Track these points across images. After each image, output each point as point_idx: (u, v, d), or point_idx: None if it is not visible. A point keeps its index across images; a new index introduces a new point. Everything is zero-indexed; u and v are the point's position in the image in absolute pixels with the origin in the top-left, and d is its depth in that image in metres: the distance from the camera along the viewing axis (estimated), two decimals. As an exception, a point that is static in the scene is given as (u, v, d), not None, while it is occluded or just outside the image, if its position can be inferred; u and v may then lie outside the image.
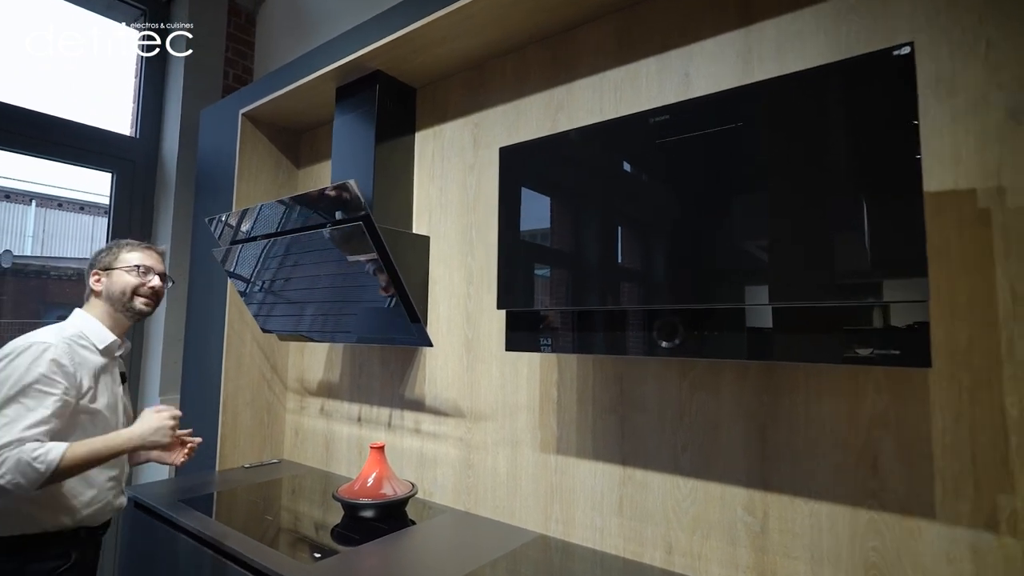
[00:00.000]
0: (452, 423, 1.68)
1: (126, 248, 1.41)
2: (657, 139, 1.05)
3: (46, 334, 1.24)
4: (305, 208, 1.52)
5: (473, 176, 1.70)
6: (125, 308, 1.38)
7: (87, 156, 2.45)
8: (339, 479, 1.96)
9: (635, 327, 1.09)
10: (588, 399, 1.39)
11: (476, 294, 1.65)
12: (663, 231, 1.04)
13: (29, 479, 1.08)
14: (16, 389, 1.14)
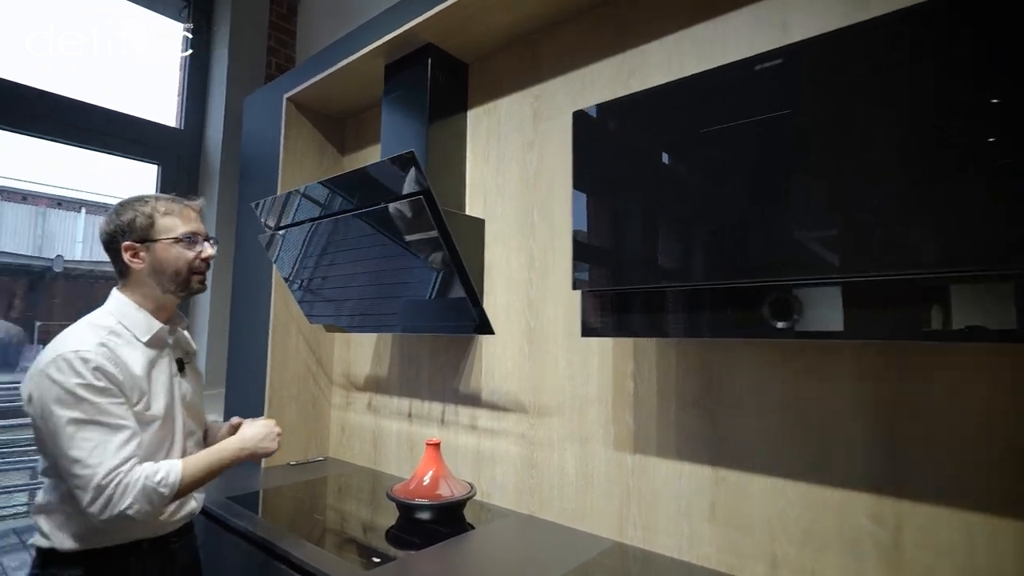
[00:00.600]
0: (512, 418, 1.56)
1: (160, 210, 1.13)
2: (768, 84, 0.91)
3: (78, 337, 1.03)
4: (358, 185, 1.43)
5: (533, 153, 1.58)
6: (178, 289, 1.16)
7: (134, 148, 2.43)
8: (388, 478, 1.86)
9: (740, 306, 0.95)
10: (670, 391, 1.25)
11: (538, 279, 1.52)
12: (785, 189, 0.89)
13: (155, 505, 1.01)
14: (78, 411, 0.97)
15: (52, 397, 0.97)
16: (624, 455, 1.31)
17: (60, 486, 1.02)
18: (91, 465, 0.95)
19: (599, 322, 1.14)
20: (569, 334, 1.44)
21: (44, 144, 2.32)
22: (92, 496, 0.95)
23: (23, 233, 6.97)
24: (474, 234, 1.66)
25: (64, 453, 0.96)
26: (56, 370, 0.98)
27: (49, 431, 0.97)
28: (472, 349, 1.69)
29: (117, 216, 1.12)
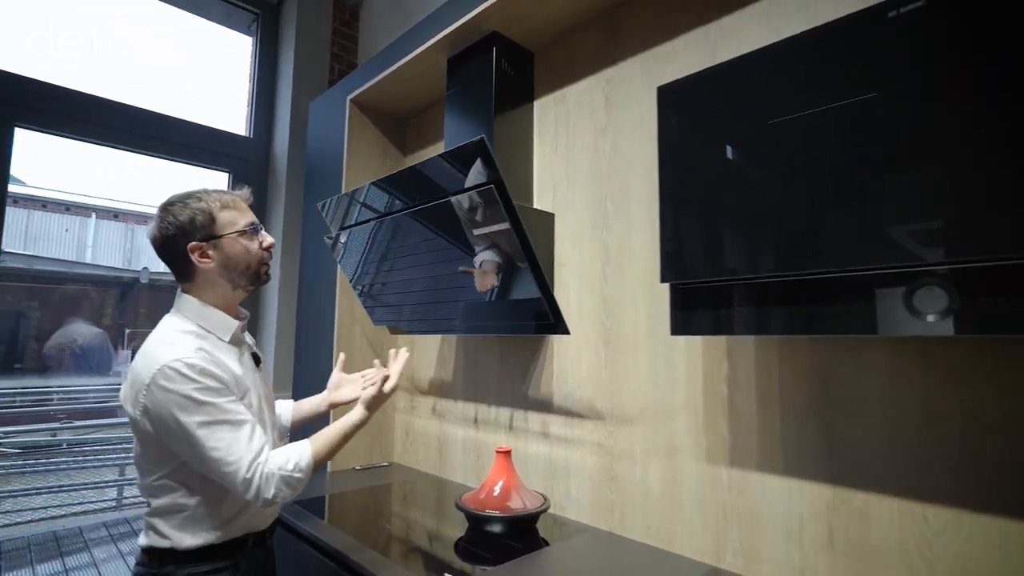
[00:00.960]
0: (588, 426, 1.44)
1: (216, 205, 1.09)
2: (906, 33, 0.76)
3: (174, 345, 1.02)
4: (423, 179, 1.37)
5: (606, 140, 1.47)
6: (249, 282, 1.13)
7: (206, 156, 2.51)
8: (454, 486, 1.78)
9: (871, 296, 0.80)
10: (773, 399, 1.10)
11: (615, 276, 1.41)
12: (936, 156, 0.74)
13: (295, 488, 1.06)
14: (203, 414, 0.98)
15: (174, 405, 0.98)
16: (719, 469, 1.17)
17: (178, 490, 1.05)
18: (232, 462, 0.99)
19: (692, 319, 1.02)
20: (651, 334, 1.31)
21: (131, 164, 2.44)
22: (242, 489, 1.00)
23: (115, 248, 7.51)
24: (543, 229, 1.56)
25: (204, 455, 0.99)
26: (166, 380, 0.98)
27: (180, 438, 0.99)
28: (542, 352, 1.59)
29: (173, 217, 1.07)
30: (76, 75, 2.22)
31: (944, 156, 0.73)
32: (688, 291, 1.02)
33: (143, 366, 1.01)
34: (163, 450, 1.03)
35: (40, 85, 2.11)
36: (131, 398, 1.03)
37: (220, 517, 1.07)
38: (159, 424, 0.99)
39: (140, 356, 1.04)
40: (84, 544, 4.01)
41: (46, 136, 2.19)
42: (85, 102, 2.21)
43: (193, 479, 1.04)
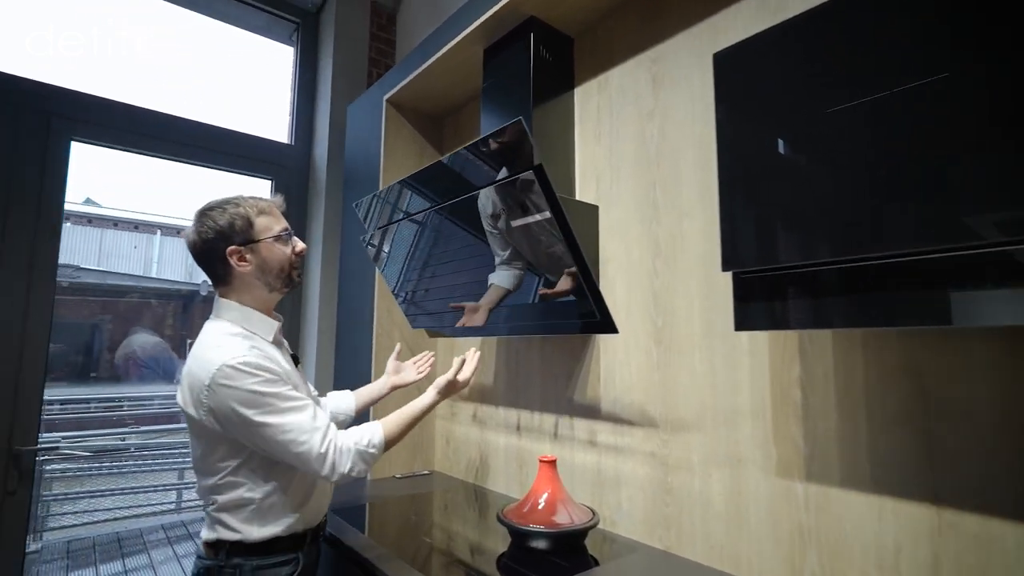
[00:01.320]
0: (639, 434, 1.33)
1: (253, 211, 1.12)
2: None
3: (226, 346, 1.04)
4: (460, 169, 1.30)
5: (654, 124, 1.36)
6: (283, 285, 1.17)
7: (249, 164, 2.54)
8: (496, 497, 1.69)
9: (980, 277, 0.66)
10: (858, 402, 0.95)
11: (665, 269, 1.29)
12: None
13: (369, 463, 1.12)
14: (267, 406, 1.02)
15: (238, 402, 1.01)
16: (793, 484, 1.03)
17: (244, 485, 1.07)
18: (304, 441, 1.03)
19: (759, 312, 0.89)
20: (707, 332, 1.19)
21: (182, 177, 2.50)
22: (318, 465, 1.04)
23: (177, 263, 7.94)
24: (587, 223, 1.46)
25: (276, 441, 1.02)
26: (226, 379, 1.01)
27: (250, 431, 1.02)
28: (587, 354, 1.48)
29: (213, 221, 1.10)
30: (126, 89, 2.29)
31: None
32: (754, 280, 0.90)
33: (200, 369, 1.04)
34: (228, 448, 1.06)
35: (93, 99, 2.18)
36: (192, 401, 1.05)
37: (284, 510, 1.11)
38: (226, 422, 1.03)
39: (193, 360, 1.07)
40: (144, 546, 4.15)
41: (115, 157, 2.28)
42: (135, 115, 2.27)
43: (257, 474, 1.08)
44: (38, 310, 1.99)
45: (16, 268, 1.96)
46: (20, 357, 1.95)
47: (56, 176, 2.07)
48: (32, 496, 2.03)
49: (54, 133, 2.08)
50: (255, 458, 1.07)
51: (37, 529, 4.13)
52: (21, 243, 1.98)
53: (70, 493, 4.57)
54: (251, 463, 1.07)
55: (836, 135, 0.78)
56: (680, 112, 1.29)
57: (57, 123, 2.10)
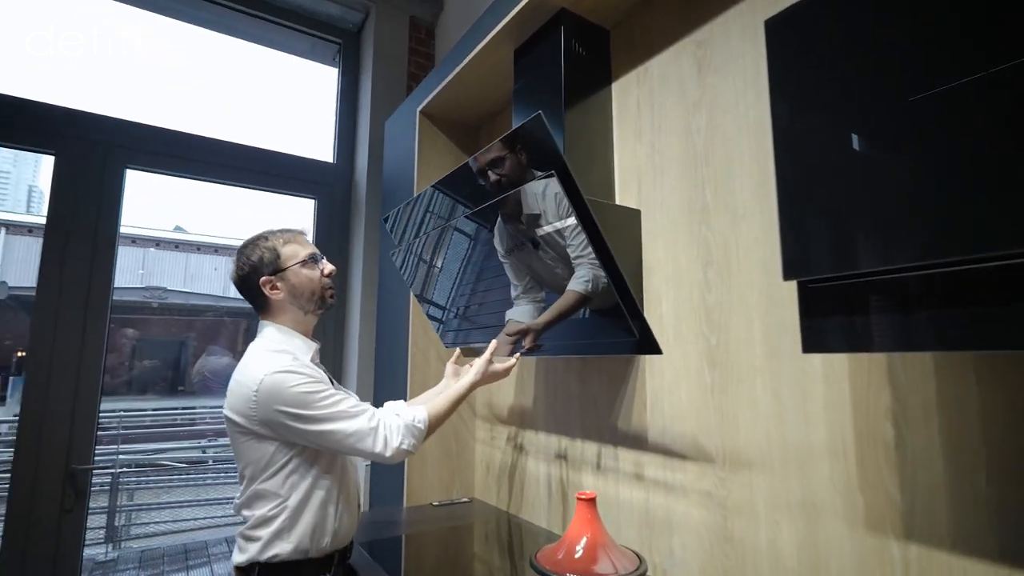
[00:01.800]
0: (692, 470, 1.15)
1: (280, 242, 1.22)
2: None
3: (269, 361, 1.10)
4: (481, 174, 1.19)
5: (700, 115, 1.20)
6: (317, 307, 1.25)
7: (294, 184, 2.57)
8: (535, 532, 1.55)
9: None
10: (972, 443, 0.75)
11: (718, 279, 1.12)
12: None
13: (418, 439, 1.16)
14: (315, 402, 1.07)
15: (285, 403, 1.05)
16: (886, 542, 0.83)
17: (271, 500, 1.09)
18: (352, 422, 1.09)
19: (834, 330, 0.72)
20: (771, 353, 1.01)
21: (244, 201, 2.57)
22: (371, 441, 1.09)
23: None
24: (627, 229, 1.31)
25: (326, 430, 1.07)
26: (273, 385, 1.06)
27: (301, 429, 1.06)
28: (631, 376, 1.32)
29: (247, 258, 1.21)
30: (178, 117, 2.37)
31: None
32: (826, 291, 0.73)
33: (247, 378, 1.09)
34: (262, 460, 1.09)
35: (146, 128, 2.27)
36: (240, 410, 1.09)
37: (311, 528, 1.11)
38: (275, 424, 1.07)
39: (239, 373, 1.13)
40: (207, 558, 4.28)
41: (199, 188, 2.38)
42: (187, 142, 2.34)
43: (287, 489, 1.10)
44: (94, 333, 2.06)
45: (75, 293, 2.04)
46: (77, 379, 2.01)
47: (112, 203, 2.16)
48: (108, 508, 2.08)
49: (111, 162, 2.17)
50: (291, 464, 1.10)
51: (115, 538, 4.37)
52: (80, 268, 2.06)
53: (142, 504, 4.80)
54: (287, 468, 1.10)
55: (934, 108, 0.61)
56: (730, 99, 1.13)
57: (115, 153, 2.19)
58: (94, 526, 4.69)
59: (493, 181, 1.17)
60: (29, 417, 1.93)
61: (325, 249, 2.58)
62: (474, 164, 1.19)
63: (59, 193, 2.07)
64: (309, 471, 1.12)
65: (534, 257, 1.20)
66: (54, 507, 1.94)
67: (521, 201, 1.11)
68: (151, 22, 2.47)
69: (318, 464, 1.13)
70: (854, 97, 0.68)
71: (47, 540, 1.92)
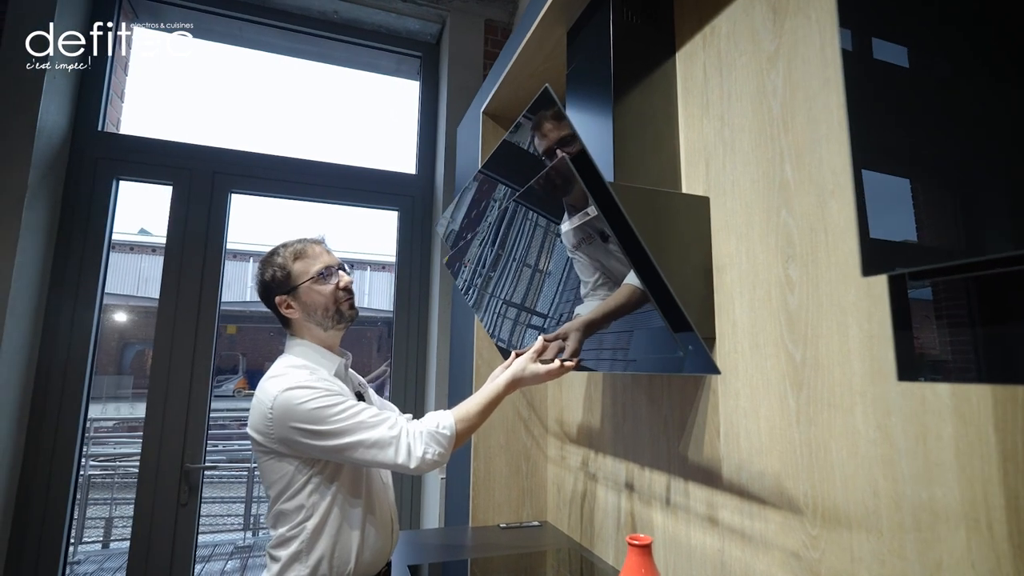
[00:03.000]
0: (776, 520, 0.91)
1: (290, 258, 1.18)
2: None
3: (285, 377, 1.07)
4: (508, 164, 1.06)
5: (777, 72, 0.96)
6: (335, 321, 1.20)
7: (377, 198, 2.63)
8: (604, 570, 1.36)
9: None
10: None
11: (805, 278, 0.87)
12: None
13: (445, 447, 1.06)
14: (330, 417, 1.03)
15: (301, 421, 1.01)
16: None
17: (296, 516, 1.05)
18: (373, 432, 1.02)
19: (957, 352, 0.48)
20: (874, 372, 0.74)
21: (335, 215, 2.71)
22: (393, 451, 1.02)
23: (383, 292, 9.08)
24: (694, 221, 1.10)
25: (346, 444, 1.01)
26: (288, 401, 1.02)
27: (320, 444, 1.01)
28: (700, 397, 1.10)
29: (261, 276, 1.19)
30: (274, 141, 2.54)
31: None
32: (940, 290, 0.49)
33: (265, 395, 1.06)
34: (283, 477, 1.06)
35: (246, 155, 2.46)
36: (259, 427, 1.06)
37: (331, 552, 1.05)
38: (293, 444, 1.03)
39: (259, 392, 1.10)
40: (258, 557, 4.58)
41: (261, 200, 2.56)
42: (281, 164, 2.50)
43: (311, 501, 1.05)
44: (204, 339, 2.26)
45: (189, 303, 2.25)
46: (190, 383, 2.22)
47: (218, 222, 2.36)
48: (246, 499, 2.27)
49: (218, 188, 2.39)
50: (311, 483, 1.06)
51: (251, 527, 4.87)
52: (192, 281, 2.28)
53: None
54: (307, 488, 1.06)
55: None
56: (813, 44, 0.88)
57: (221, 179, 2.41)
58: (222, 513, 5.25)
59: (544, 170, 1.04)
60: (152, 419, 2.16)
61: (408, 260, 2.63)
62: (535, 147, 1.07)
63: (176, 216, 2.31)
64: (329, 490, 1.07)
65: (602, 251, 1.04)
66: (171, 502, 2.15)
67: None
68: (248, 57, 2.70)
69: (339, 482, 1.08)
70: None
71: (166, 531, 2.13)
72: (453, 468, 1.93)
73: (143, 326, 8.60)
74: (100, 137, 2.25)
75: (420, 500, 2.48)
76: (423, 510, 2.42)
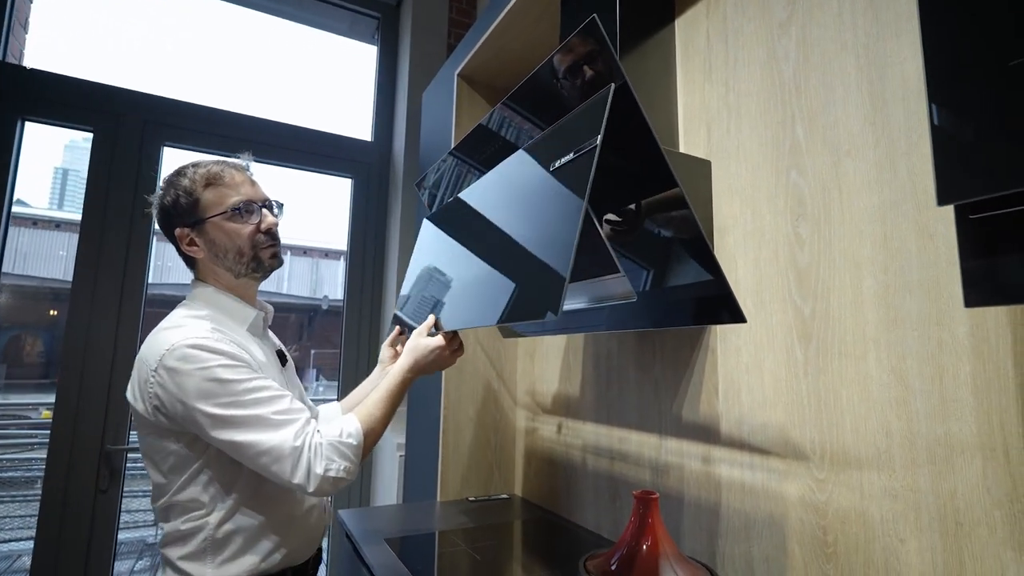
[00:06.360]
0: (778, 468, 0.94)
1: (200, 183, 0.94)
2: None
3: (185, 328, 0.87)
4: (524, 110, 1.02)
5: (790, 37, 0.98)
6: (250, 270, 0.99)
7: (330, 163, 2.48)
8: (583, 536, 1.36)
9: None
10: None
11: (816, 235, 0.91)
12: None
13: (351, 459, 0.89)
14: (231, 395, 0.84)
15: (193, 389, 0.82)
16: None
17: (195, 508, 0.88)
18: (274, 435, 0.83)
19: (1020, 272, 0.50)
20: (891, 321, 0.78)
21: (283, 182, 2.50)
22: (291, 466, 0.83)
23: (304, 279, 8.67)
24: (695, 183, 1.11)
25: (240, 439, 0.82)
26: (181, 360, 0.83)
27: (208, 424, 0.83)
28: (698, 356, 1.12)
29: (161, 200, 0.97)
30: (215, 95, 2.32)
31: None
32: (1008, 220, 0.51)
33: (148, 352, 0.86)
34: (176, 454, 0.86)
35: (184, 105, 2.22)
36: (139, 393, 0.87)
37: (252, 541, 0.90)
38: (178, 415, 0.84)
39: (145, 345, 0.88)
40: None
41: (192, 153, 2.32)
42: (222, 118, 2.29)
43: (211, 491, 0.87)
44: (128, 319, 2.02)
45: (112, 280, 2.00)
46: (112, 364, 1.98)
47: (149, 182, 2.12)
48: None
49: (148, 139, 2.14)
50: (211, 467, 0.88)
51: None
52: (117, 253, 2.02)
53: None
54: (205, 474, 0.87)
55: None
56: (831, 10, 0.91)
57: (152, 130, 2.15)
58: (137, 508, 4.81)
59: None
60: (65, 401, 1.91)
61: (362, 230, 2.50)
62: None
63: (98, 172, 2.04)
64: (238, 476, 0.88)
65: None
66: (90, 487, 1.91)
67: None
68: (189, 0, 2.43)
69: (247, 468, 0.88)
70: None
71: (83, 522, 1.89)
72: (416, 443, 1.86)
73: (17, 309, 7.60)
74: (2, 69, 1.94)
75: (372, 476, 2.37)
76: (376, 487, 2.32)
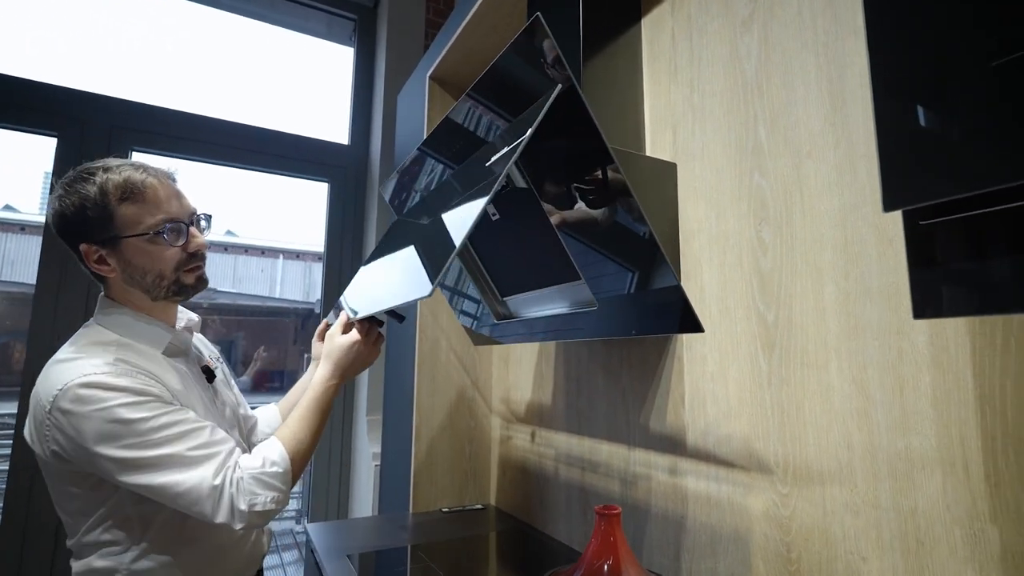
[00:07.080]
0: (743, 481, 0.91)
1: (115, 195, 0.80)
2: None
3: (81, 361, 0.78)
4: (480, 105, 0.99)
5: (752, 35, 0.96)
6: (170, 294, 0.89)
7: (306, 167, 2.44)
8: (555, 548, 1.33)
9: None
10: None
11: (778, 240, 0.88)
12: None
13: (279, 488, 0.81)
14: (135, 436, 0.75)
15: (92, 437, 0.73)
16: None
17: (113, 544, 0.80)
18: (190, 474, 0.76)
19: (969, 283, 0.48)
20: (852, 329, 0.76)
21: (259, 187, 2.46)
22: (211, 507, 0.76)
23: (297, 283, 8.62)
24: (659, 186, 1.08)
25: (152, 486, 0.75)
26: (76, 402, 0.73)
27: (116, 468, 0.75)
28: (664, 365, 1.09)
29: (60, 206, 0.81)
30: (189, 99, 2.27)
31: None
32: (955, 226, 0.48)
33: (42, 390, 0.77)
34: (83, 491, 0.79)
35: (153, 109, 2.17)
36: (36, 435, 0.78)
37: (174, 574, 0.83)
38: (81, 460, 0.76)
39: (39, 379, 0.79)
40: (276, 547, 4.26)
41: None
42: (193, 122, 2.24)
43: (128, 528, 0.80)
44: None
45: (79, 286, 1.95)
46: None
47: (116, 186, 2.07)
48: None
49: (115, 145, 2.09)
50: (125, 507, 0.80)
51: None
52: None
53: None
54: (119, 514, 0.80)
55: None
56: (791, 8, 0.88)
57: (120, 135, 2.11)
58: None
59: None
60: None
61: (339, 233, 2.46)
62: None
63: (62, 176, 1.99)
64: (159, 511, 0.81)
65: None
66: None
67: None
68: (161, 1, 2.39)
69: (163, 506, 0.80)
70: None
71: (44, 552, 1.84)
72: (391, 452, 1.82)
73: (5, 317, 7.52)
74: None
75: (349, 488, 2.33)
76: (353, 498, 2.28)
